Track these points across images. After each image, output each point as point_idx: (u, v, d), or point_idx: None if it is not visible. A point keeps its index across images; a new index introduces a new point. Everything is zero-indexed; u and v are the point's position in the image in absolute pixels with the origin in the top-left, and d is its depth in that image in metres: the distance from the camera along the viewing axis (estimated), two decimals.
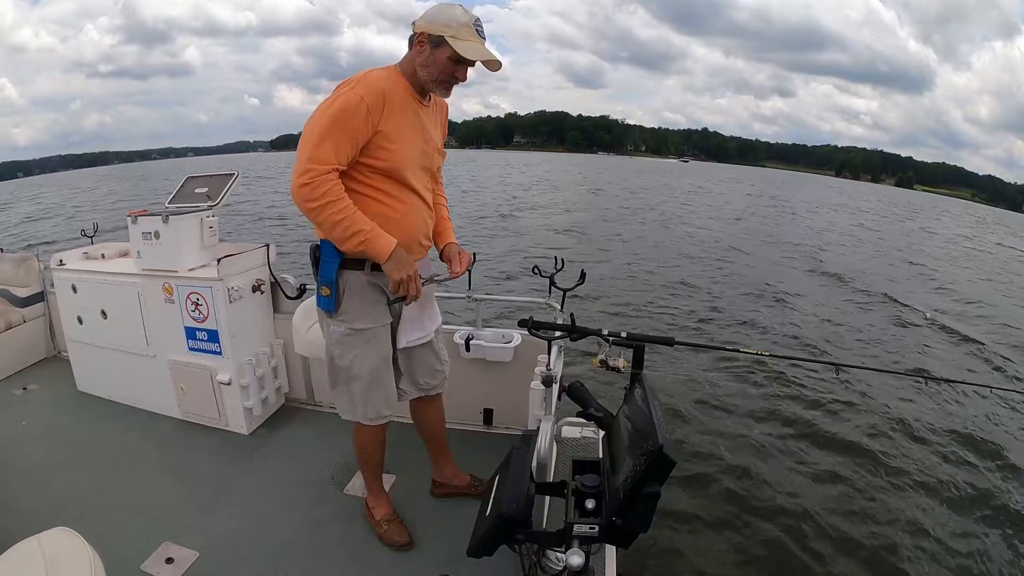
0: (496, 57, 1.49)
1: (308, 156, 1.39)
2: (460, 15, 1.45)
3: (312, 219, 1.46)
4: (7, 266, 3.27)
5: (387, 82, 1.49)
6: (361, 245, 1.46)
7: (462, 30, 1.45)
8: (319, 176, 1.39)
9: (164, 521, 1.93)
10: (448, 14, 1.46)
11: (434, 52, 1.47)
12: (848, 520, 3.17)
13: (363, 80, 1.46)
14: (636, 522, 0.83)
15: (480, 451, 2.27)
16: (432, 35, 1.46)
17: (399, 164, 1.52)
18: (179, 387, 2.53)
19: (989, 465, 3.89)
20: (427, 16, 1.49)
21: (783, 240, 14.83)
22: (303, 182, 1.39)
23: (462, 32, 1.45)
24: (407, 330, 1.75)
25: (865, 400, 4.73)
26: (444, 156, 1.74)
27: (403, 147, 1.52)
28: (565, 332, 1.64)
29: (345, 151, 1.43)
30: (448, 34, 1.44)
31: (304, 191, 1.40)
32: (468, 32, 1.45)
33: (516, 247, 11.20)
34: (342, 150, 1.42)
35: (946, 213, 40.79)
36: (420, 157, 1.59)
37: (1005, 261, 16.29)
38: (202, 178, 2.63)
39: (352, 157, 1.46)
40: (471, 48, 1.46)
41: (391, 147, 1.49)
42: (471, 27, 1.46)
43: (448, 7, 1.48)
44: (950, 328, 7.33)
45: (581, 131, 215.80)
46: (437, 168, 1.71)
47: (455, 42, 1.44)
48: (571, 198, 16.91)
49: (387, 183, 1.54)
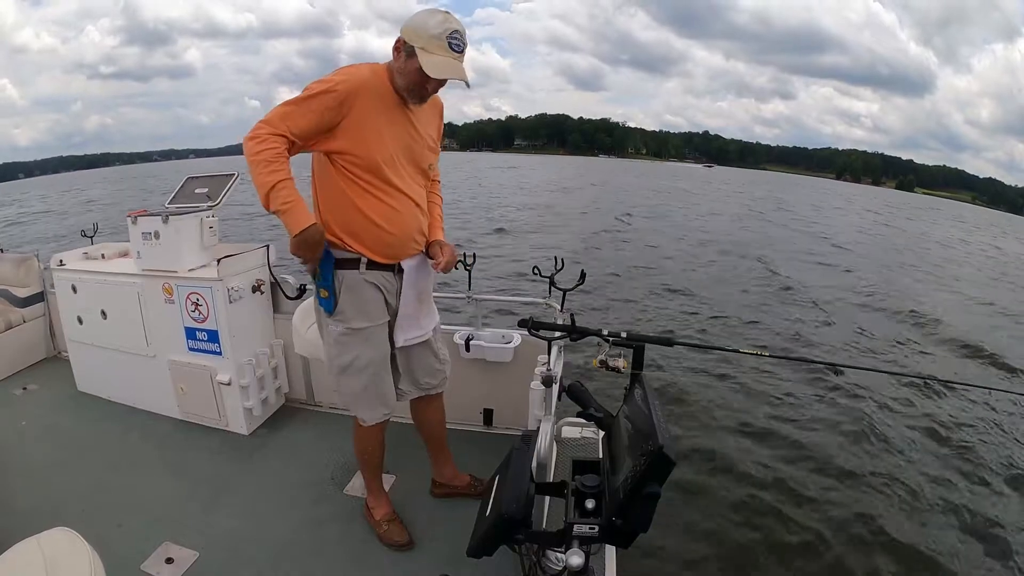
0: (461, 76, 1.48)
1: (267, 117, 1.43)
2: (434, 26, 1.43)
3: (251, 173, 1.45)
4: (7, 266, 3.28)
5: (369, 75, 1.51)
6: (279, 215, 1.42)
7: (432, 42, 1.43)
8: (266, 135, 1.41)
9: (164, 521, 1.93)
10: (424, 23, 1.44)
11: (407, 61, 1.47)
12: (849, 520, 3.17)
13: (344, 70, 1.50)
14: (636, 522, 0.82)
15: (480, 451, 2.28)
16: (407, 43, 1.46)
17: (378, 156, 1.52)
18: (179, 387, 2.53)
19: (998, 467, 3.89)
20: (408, 22, 1.48)
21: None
22: (250, 135, 1.42)
23: (431, 45, 1.43)
24: (404, 328, 1.75)
25: (865, 401, 4.73)
26: (437, 154, 1.73)
27: (380, 139, 1.52)
28: (565, 332, 1.64)
29: (302, 125, 1.43)
30: (419, 45, 1.43)
31: (249, 144, 1.41)
32: (438, 45, 1.43)
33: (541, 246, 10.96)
34: (299, 123, 1.43)
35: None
36: (405, 152, 1.59)
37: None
38: (202, 178, 2.63)
39: (308, 135, 1.46)
40: (436, 63, 1.43)
41: (365, 137, 1.50)
42: (443, 40, 1.43)
43: (428, 15, 1.45)
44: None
45: (582, 134, 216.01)
46: (429, 165, 1.70)
47: (422, 55, 1.43)
48: (599, 222, 15.27)
49: (373, 178, 1.54)
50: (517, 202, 21.68)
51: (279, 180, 1.40)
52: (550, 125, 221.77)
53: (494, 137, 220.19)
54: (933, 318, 7.77)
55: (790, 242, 15.00)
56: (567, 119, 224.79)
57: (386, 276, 1.66)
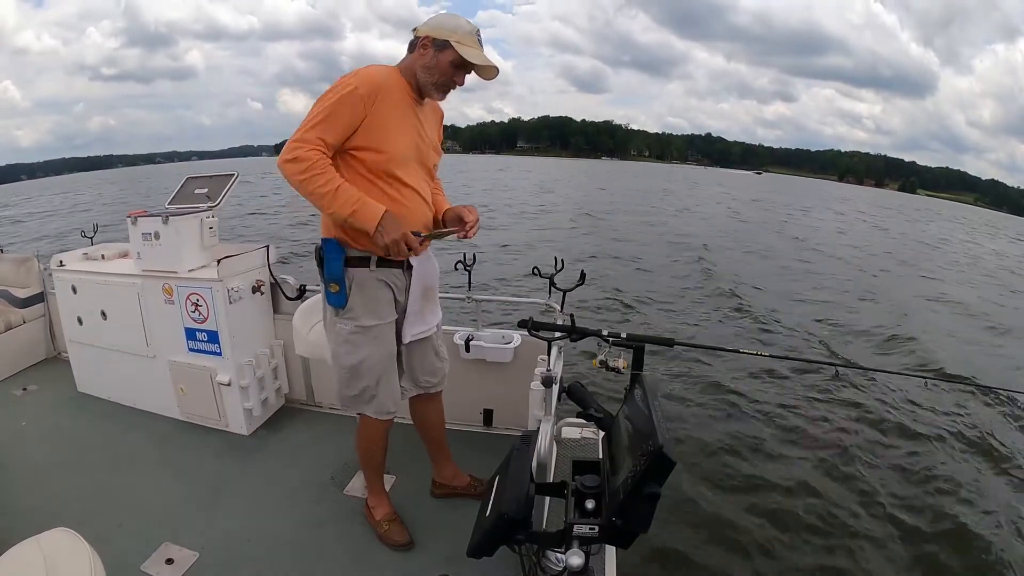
0: (495, 65, 1.58)
1: (297, 136, 1.47)
2: (465, 24, 1.55)
3: (302, 192, 1.50)
4: (7, 267, 3.28)
5: (384, 76, 1.55)
6: (350, 216, 1.48)
7: (467, 37, 1.54)
8: (305, 152, 1.44)
9: (164, 521, 1.93)
10: (454, 22, 1.55)
11: (437, 55, 1.54)
12: (850, 520, 3.17)
13: (359, 73, 1.53)
14: (636, 522, 0.83)
15: (480, 451, 2.27)
16: (437, 39, 1.53)
17: (394, 153, 1.56)
18: (179, 388, 2.53)
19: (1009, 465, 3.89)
20: (432, 22, 1.57)
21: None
22: (288, 158, 1.45)
23: (467, 39, 1.54)
24: (411, 323, 1.76)
25: (865, 400, 4.73)
26: (440, 155, 1.79)
27: (396, 138, 1.56)
28: (565, 333, 1.64)
29: (333, 135, 1.48)
30: (454, 39, 1.52)
31: (290, 166, 1.45)
32: (471, 39, 1.54)
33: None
34: (331, 133, 1.48)
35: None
36: (415, 152, 1.63)
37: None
38: (202, 179, 2.63)
39: (340, 141, 1.51)
40: (475, 54, 1.54)
41: (383, 135, 1.53)
42: (474, 36, 1.55)
43: (453, 16, 1.58)
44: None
45: (585, 136, 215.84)
46: (433, 165, 1.75)
47: (460, 47, 1.52)
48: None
49: (385, 175, 1.57)
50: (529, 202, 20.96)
51: (336, 187, 1.46)
52: (553, 127, 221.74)
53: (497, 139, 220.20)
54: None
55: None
56: (570, 121, 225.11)
57: (395, 273, 1.67)
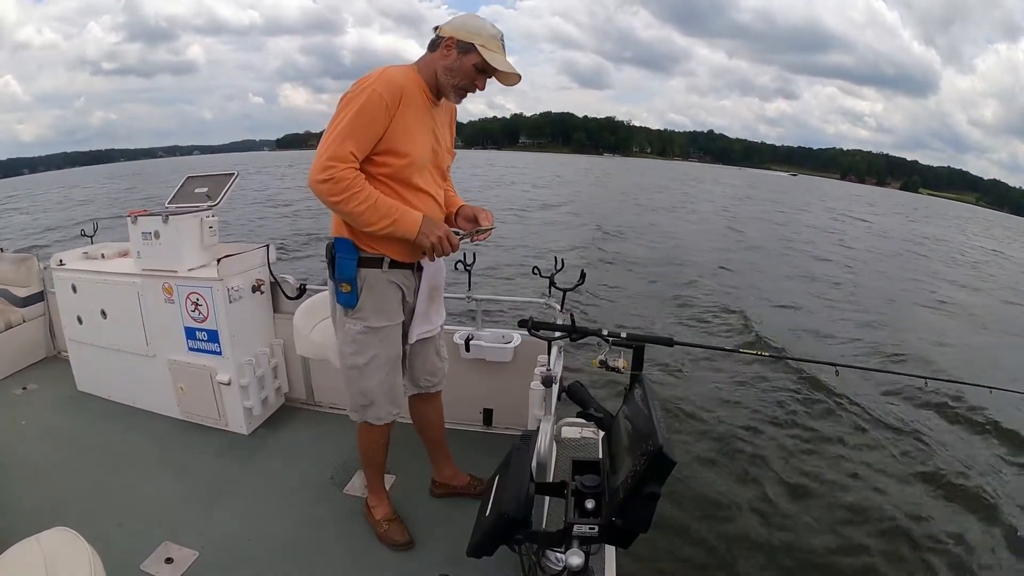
0: (517, 72, 1.54)
1: (328, 153, 1.43)
2: (490, 27, 1.52)
3: (338, 211, 1.50)
4: (7, 266, 3.27)
5: (404, 79, 1.52)
6: (389, 228, 1.49)
7: (491, 41, 1.50)
8: (339, 172, 1.42)
9: (164, 520, 1.93)
10: (479, 24, 1.52)
11: (461, 58, 1.51)
12: (849, 520, 3.17)
13: (381, 77, 1.49)
14: (636, 522, 0.82)
15: (480, 451, 2.27)
16: (461, 41, 1.50)
17: (414, 159, 1.54)
18: (179, 387, 2.53)
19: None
20: (456, 23, 1.53)
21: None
22: (323, 178, 1.42)
23: (491, 43, 1.50)
24: (418, 323, 1.77)
25: (865, 400, 4.73)
26: (453, 156, 1.77)
27: (416, 142, 1.54)
28: (565, 332, 1.64)
29: (363, 146, 1.47)
30: (479, 42, 1.49)
31: (324, 187, 1.43)
32: (496, 44, 1.51)
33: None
34: (360, 145, 1.46)
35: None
36: (431, 155, 1.62)
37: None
38: (202, 178, 2.63)
39: (369, 150, 1.49)
40: (500, 59, 1.51)
41: (404, 140, 1.51)
42: (499, 40, 1.52)
43: (478, 17, 1.55)
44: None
45: (587, 132, 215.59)
46: (447, 167, 1.74)
47: (485, 51, 1.49)
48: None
49: (400, 178, 1.56)
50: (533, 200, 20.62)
51: (373, 201, 1.46)
52: (555, 123, 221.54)
53: (499, 135, 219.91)
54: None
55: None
56: (572, 117, 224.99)
57: (406, 274, 1.68)
